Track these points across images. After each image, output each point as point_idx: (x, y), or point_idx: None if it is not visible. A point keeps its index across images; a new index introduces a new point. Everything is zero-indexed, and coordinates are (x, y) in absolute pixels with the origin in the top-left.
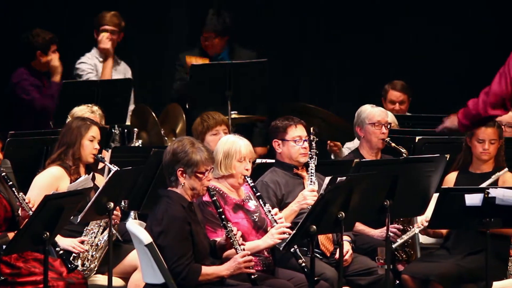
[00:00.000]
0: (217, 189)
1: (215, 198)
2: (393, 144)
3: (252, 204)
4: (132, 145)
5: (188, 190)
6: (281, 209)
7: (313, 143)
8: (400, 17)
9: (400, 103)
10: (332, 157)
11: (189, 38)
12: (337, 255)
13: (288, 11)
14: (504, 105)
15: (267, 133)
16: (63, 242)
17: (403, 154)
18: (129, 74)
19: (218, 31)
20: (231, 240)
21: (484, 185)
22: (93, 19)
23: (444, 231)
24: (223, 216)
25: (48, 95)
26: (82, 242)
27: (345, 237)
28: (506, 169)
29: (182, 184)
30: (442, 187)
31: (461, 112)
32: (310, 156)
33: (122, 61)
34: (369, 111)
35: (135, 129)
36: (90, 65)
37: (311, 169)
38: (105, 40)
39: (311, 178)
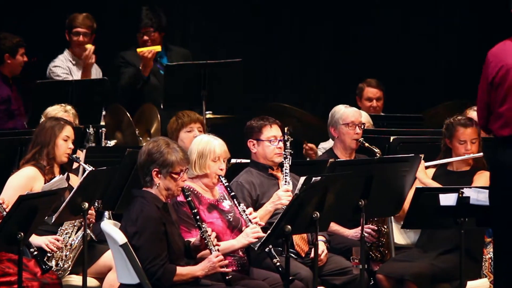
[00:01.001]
0: (191, 189)
1: (189, 198)
2: (366, 144)
3: (226, 204)
4: (103, 145)
5: (163, 191)
6: (256, 209)
7: (287, 143)
8: (374, 16)
9: (377, 99)
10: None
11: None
12: (312, 255)
13: (263, 9)
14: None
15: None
16: (37, 240)
17: (377, 154)
18: (99, 74)
19: (156, 25)
20: (206, 241)
21: None
22: (65, 21)
23: None
24: (197, 217)
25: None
26: (56, 240)
27: (320, 237)
28: (482, 153)
29: (157, 184)
30: (416, 186)
31: None
32: (285, 156)
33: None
34: (342, 112)
35: (103, 129)
36: (64, 69)
37: (286, 169)
38: (91, 55)
39: (285, 178)
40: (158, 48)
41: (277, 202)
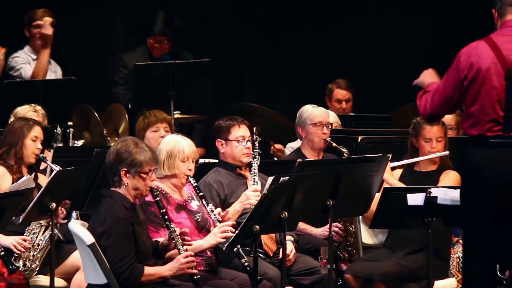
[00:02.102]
0: (159, 189)
1: (158, 198)
2: (334, 144)
3: (194, 204)
4: (70, 145)
5: (131, 190)
6: (224, 209)
7: (256, 143)
8: (343, 16)
9: (346, 101)
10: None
11: (126, 38)
12: (280, 255)
13: (232, 9)
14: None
15: (206, 133)
16: (4, 240)
17: (345, 154)
18: (59, 73)
19: (172, 35)
20: (174, 241)
21: None
22: (23, 18)
23: None
24: (166, 217)
25: None
26: (24, 241)
27: (288, 237)
28: (447, 152)
29: (126, 184)
30: (384, 186)
31: None
32: (253, 156)
33: (52, 60)
34: (310, 112)
35: (71, 129)
36: (23, 58)
37: (254, 169)
38: (47, 25)
39: (254, 178)
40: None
41: (246, 201)
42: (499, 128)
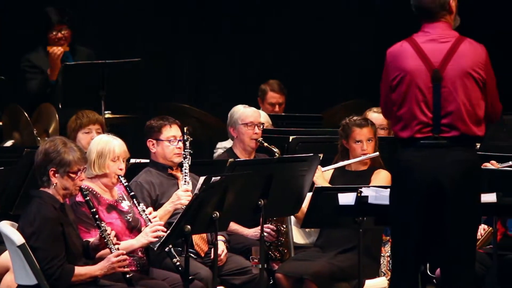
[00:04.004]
0: (90, 189)
1: (88, 198)
2: (265, 144)
3: (125, 205)
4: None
5: (61, 190)
6: (155, 209)
7: (187, 143)
8: (273, 16)
9: (279, 104)
10: None
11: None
12: (212, 255)
13: (164, 8)
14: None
15: (138, 133)
16: None
17: (276, 154)
18: None
19: (68, 21)
20: (105, 240)
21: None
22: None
23: None
24: (96, 216)
25: None
26: None
27: (220, 237)
28: (377, 153)
29: (54, 184)
30: (315, 186)
31: None
32: (184, 156)
33: None
34: (241, 112)
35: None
36: None
37: (185, 169)
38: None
39: (185, 178)
40: (66, 48)
41: (177, 202)
42: (429, 129)
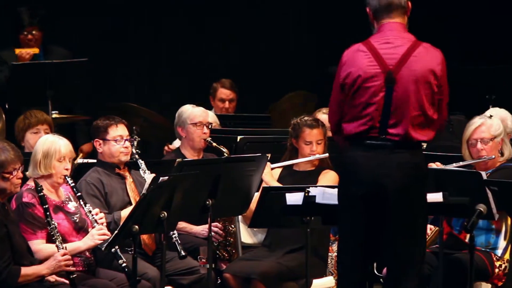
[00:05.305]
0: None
1: (42, 193)
2: (214, 144)
3: (72, 206)
4: None
5: None
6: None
7: (135, 142)
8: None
9: (230, 101)
10: None
11: None
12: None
13: (112, 7)
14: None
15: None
16: None
17: (224, 154)
18: None
19: (40, 23)
20: (54, 238)
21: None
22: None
23: None
24: (48, 213)
25: None
26: None
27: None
28: (327, 154)
29: None
30: (263, 185)
31: None
32: (133, 155)
33: None
34: (190, 111)
35: None
36: None
37: (142, 167)
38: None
39: (144, 174)
40: (36, 50)
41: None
42: (376, 130)
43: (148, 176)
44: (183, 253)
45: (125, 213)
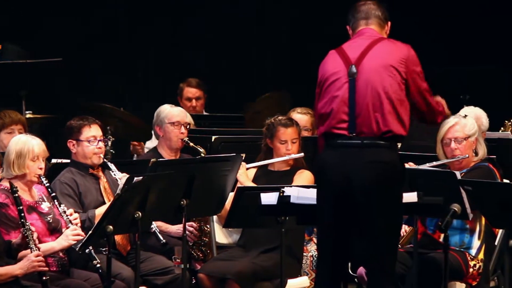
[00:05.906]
0: (11, 190)
1: (17, 194)
2: (191, 144)
3: (45, 206)
4: None
5: None
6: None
7: (109, 142)
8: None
9: (197, 99)
10: (135, 157)
11: None
12: None
13: (88, 7)
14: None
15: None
16: None
17: (201, 154)
18: None
19: None
20: (28, 239)
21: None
22: None
23: None
24: (22, 214)
25: None
26: None
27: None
28: (302, 154)
29: None
30: (237, 185)
31: None
32: (106, 155)
33: None
34: (168, 111)
35: None
36: None
37: (112, 167)
38: None
39: (115, 173)
40: None
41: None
42: (345, 127)
43: (120, 176)
44: (163, 240)
45: (99, 211)
